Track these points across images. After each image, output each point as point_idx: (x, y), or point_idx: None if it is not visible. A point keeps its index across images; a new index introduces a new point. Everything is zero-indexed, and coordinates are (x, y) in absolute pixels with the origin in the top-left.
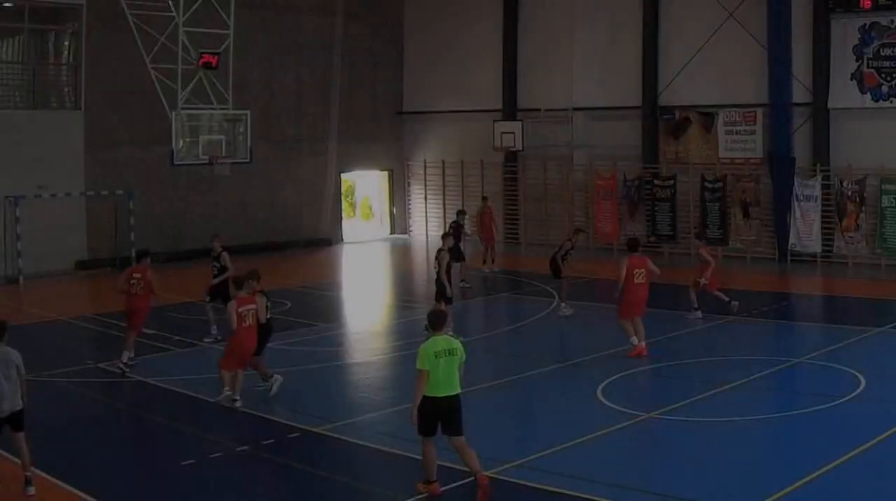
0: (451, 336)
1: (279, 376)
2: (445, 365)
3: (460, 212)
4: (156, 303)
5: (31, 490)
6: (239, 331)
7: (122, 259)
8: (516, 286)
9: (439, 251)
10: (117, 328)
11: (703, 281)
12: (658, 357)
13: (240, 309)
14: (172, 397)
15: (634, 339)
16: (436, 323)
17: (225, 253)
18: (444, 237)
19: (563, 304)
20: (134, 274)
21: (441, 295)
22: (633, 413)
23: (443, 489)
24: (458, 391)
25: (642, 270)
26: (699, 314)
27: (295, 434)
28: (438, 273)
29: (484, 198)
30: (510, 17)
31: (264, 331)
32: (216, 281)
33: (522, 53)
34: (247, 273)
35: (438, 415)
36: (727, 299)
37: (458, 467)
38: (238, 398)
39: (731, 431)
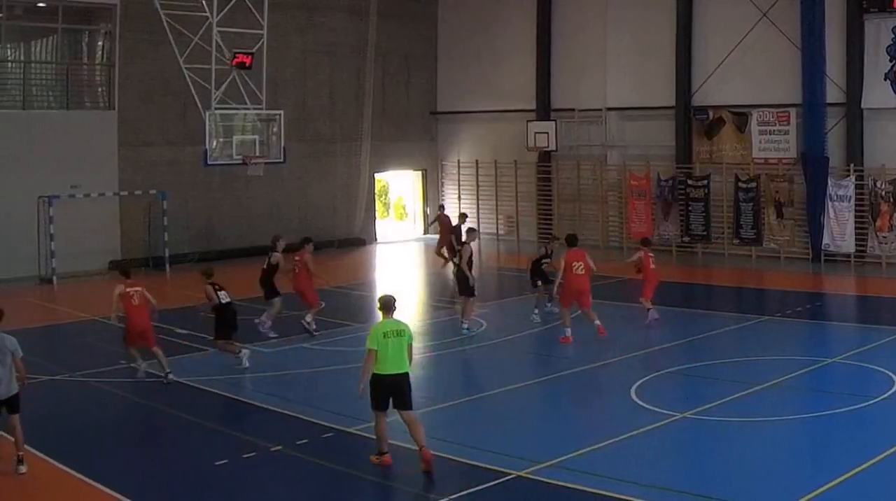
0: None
1: (247, 350)
2: (393, 344)
3: (463, 215)
4: (318, 286)
5: (23, 469)
6: (128, 310)
7: (156, 258)
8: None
9: (463, 244)
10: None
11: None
12: (692, 357)
13: (128, 290)
14: (206, 397)
15: (568, 330)
16: (385, 306)
17: (276, 254)
18: (468, 232)
19: (535, 310)
20: (295, 258)
21: (464, 287)
22: (667, 413)
23: (476, 489)
24: (407, 369)
25: (580, 263)
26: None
27: (329, 434)
28: (460, 266)
29: (440, 207)
30: (544, 17)
31: (230, 314)
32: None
33: (556, 53)
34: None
35: (388, 391)
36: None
37: (493, 467)
38: (142, 369)
39: (765, 431)
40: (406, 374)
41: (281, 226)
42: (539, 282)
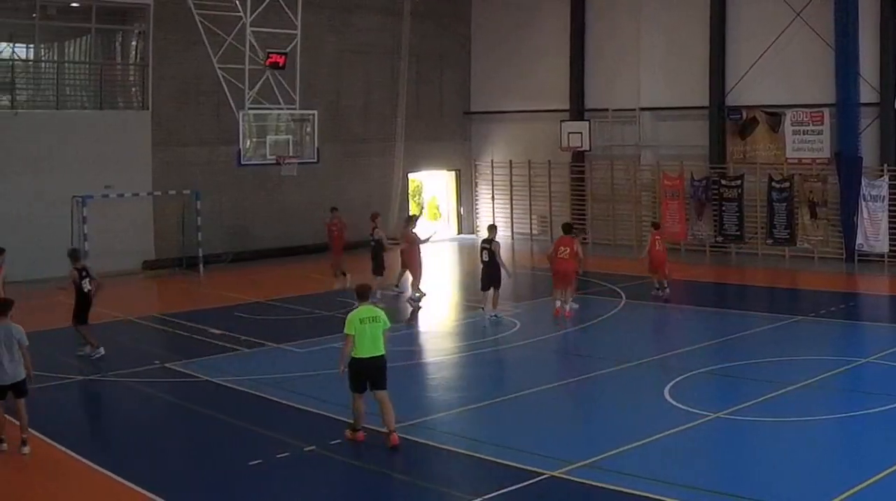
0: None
1: (102, 350)
2: (370, 330)
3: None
4: (581, 271)
5: (26, 450)
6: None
7: (189, 258)
8: (583, 285)
9: (491, 241)
10: (183, 327)
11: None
12: (725, 357)
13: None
14: (240, 397)
15: (558, 303)
16: (361, 294)
17: (380, 232)
18: (490, 228)
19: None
20: (561, 246)
21: (494, 280)
22: (701, 413)
23: (510, 489)
24: (383, 352)
25: (567, 249)
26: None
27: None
28: (496, 260)
29: (333, 209)
30: (577, 17)
31: (88, 302)
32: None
33: (589, 53)
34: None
35: (366, 374)
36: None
37: (526, 467)
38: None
39: (799, 431)
40: (382, 357)
41: (314, 226)
42: None
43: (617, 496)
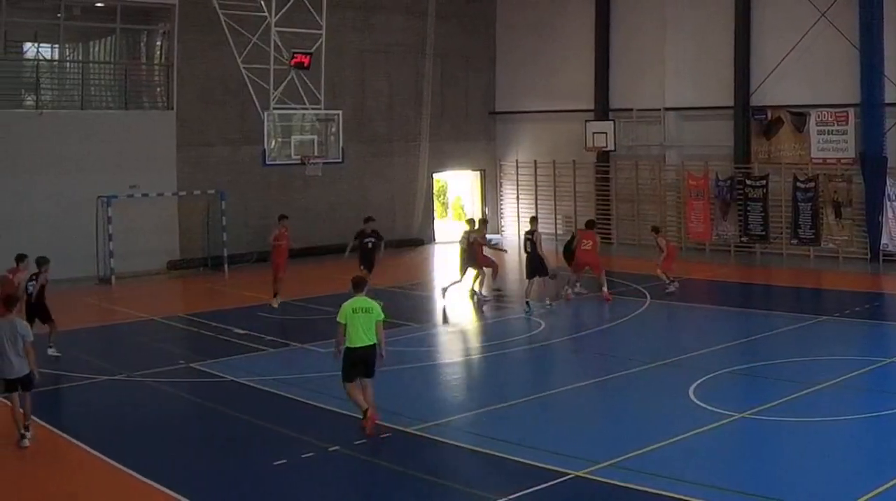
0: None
1: (59, 354)
2: (361, 320)
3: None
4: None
5: (28, 439)
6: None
7: (214, 258)
8: (608, 285)
9: (534, 232)
10: (208, 327)
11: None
12: (750, 357)
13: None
14: (264, 397)
15: (569, 289)
16: (357, 285)
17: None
18: (532, 220)
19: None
20: (584, 239)
21: (545, 270)
22: (726, 413)
23: (534, 489)
24: (374, 342)
25: (590, 241)
26: (671, 288)
27: (387, 435)
28: (538, 251)
29: (281, 218)
30: (602, 17)
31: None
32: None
33: (614, 53)
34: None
35: (357, 362)
36: (669, 281)
37: (551, 467)
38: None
39: (824, 431)
40: (373, 346)
41: (339, 226)
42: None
43: (642, 496)
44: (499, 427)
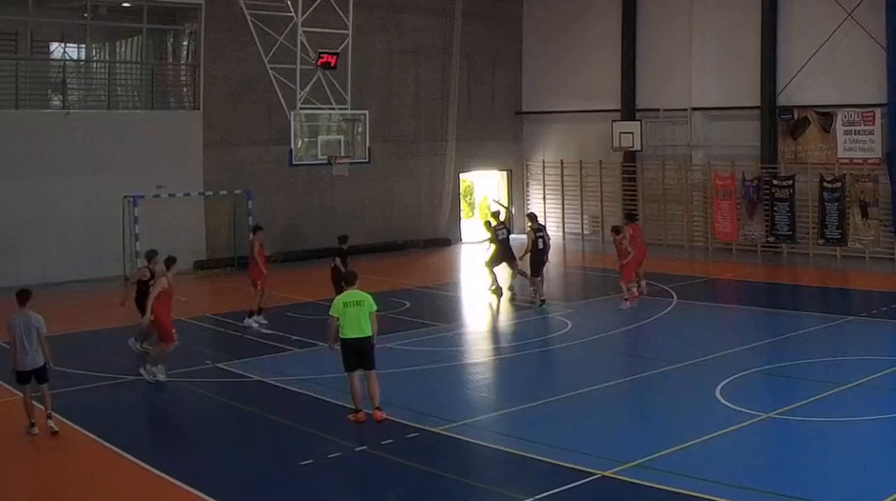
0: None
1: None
2: (353, 312)
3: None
4: None
5: (52, 423)
6: None
7: (241, 258)
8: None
9: (545, 228)
10: (235, 327)
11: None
12: (777, 356)
13: None
14: (291, 397)
15: (634, 288)
16: (349, 280)
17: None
18: (535, 216)
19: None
20: (635, 234)
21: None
22: (753, 413)
23: (561, 489)
24: (367, 334)
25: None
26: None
27: (413, 435)
28: (532, 251)
29: (255, 229)
30: (629, 17)
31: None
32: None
33: (641, 53)
34: None
35: (353, 353)
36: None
37: (577, 467)
38: None
39: (851, 431)
40: (367, 338)
41: (365, 226)
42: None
43: (668, 496)
44: (526, 427)
